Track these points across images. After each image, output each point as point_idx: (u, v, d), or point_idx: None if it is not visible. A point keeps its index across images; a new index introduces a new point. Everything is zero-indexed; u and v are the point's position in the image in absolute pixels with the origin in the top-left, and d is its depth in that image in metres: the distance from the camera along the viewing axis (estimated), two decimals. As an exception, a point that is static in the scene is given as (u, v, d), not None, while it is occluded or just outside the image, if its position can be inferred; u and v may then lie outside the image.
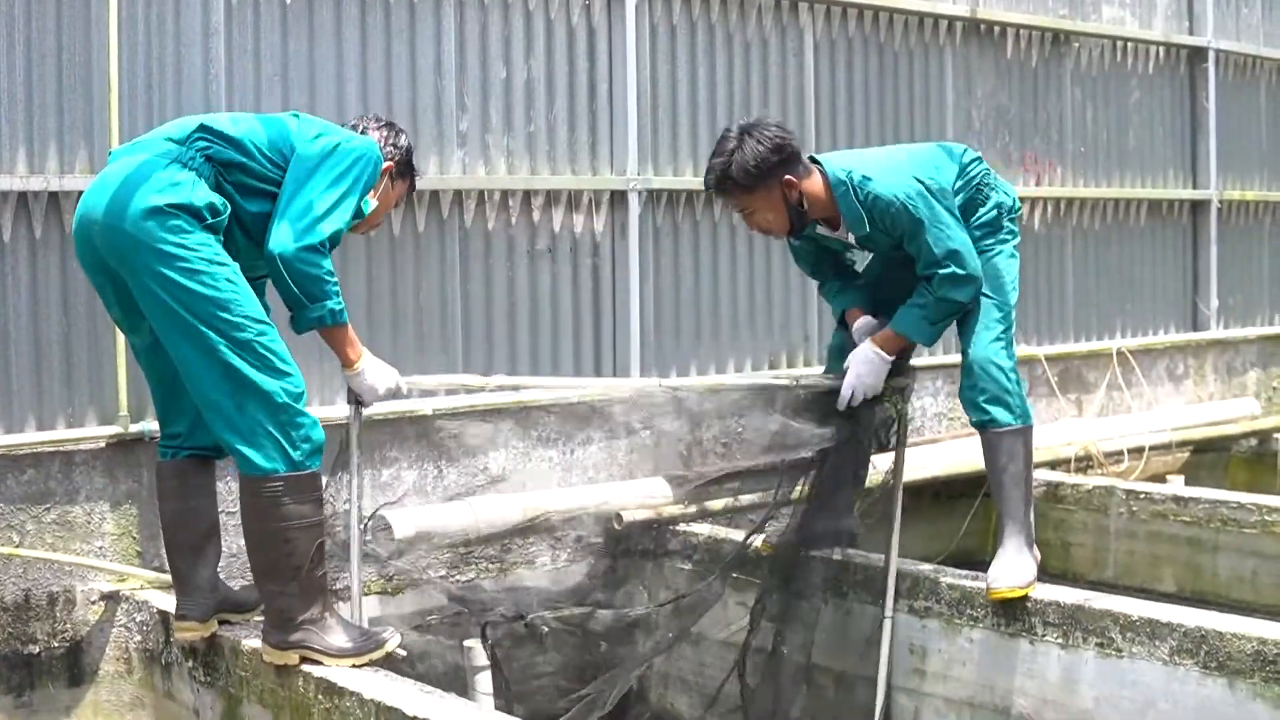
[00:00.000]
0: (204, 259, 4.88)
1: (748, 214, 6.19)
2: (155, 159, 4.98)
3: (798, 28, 8.46)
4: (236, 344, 4.90)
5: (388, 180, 5.48)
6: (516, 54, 7.34)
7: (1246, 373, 11.11)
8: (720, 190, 6.09)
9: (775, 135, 5.99)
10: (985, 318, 6.19)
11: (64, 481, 6.09)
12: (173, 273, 4.85)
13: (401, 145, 5.56)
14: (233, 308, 4.90)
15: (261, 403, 4.92)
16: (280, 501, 4.97)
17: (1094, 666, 5.75)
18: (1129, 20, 10.40)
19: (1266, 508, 7.76)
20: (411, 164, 5.66)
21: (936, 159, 6.26)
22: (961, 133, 9.31)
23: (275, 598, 5.08)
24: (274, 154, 5.11)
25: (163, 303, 4.90)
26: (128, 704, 6.16)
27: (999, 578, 5.98)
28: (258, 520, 5.01)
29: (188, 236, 4.87)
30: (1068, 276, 10.04)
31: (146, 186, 4.89)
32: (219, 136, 5.06)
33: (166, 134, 5.10)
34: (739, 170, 5.95)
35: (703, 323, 8.07)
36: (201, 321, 4.89)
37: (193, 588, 5.45)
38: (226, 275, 4.92)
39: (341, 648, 5.08)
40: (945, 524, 8.44)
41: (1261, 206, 11.48)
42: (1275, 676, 5.25)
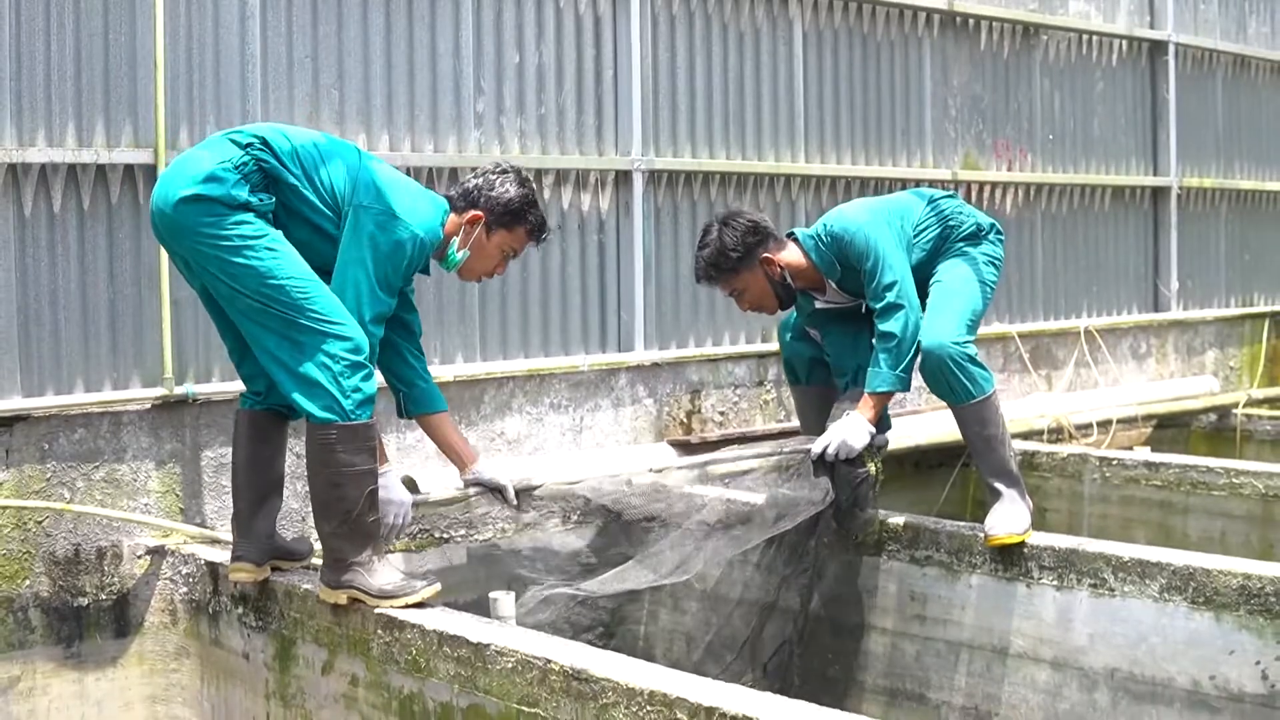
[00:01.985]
0: (241, 236, 5.15)
1: (738, 296, 6.68)
2: (209, 155, 5.24)
3: (787, 19, 8.83)
4: (285, 308, 5.18)
5: (481, 230, 5.69)
6: (529, 40, 7.67)
7: (1205, 352, 11.55)
8: (708, 277, 6.59)
9: (748, 220, 6.55)
10: (938, 310, 6.58)
11: (112, 441, 6.35)
12: (216, 252, 5.16)
13: (502, 195, 5.68)
14: (277, 275, 5.17)
15: (315, 359, 5.19)
16: (334, 449, 5.23)
17: (1088, 606, 6.10)
18: (1094, 14, 10.82)
19: (1234, 470, 8.12)
20: (520, 212, 5.73)
21: (902, 200, 6.83)
22: (939, 120, 9.71)
23: (328, 538, 5.33)
24: (327, 192, 5.36)
25: (215, 278, 5.24)
26: (172, 654, 6.42)
27: (996, 525, 6.34)
28: (316, 465, 5.28)
29: (223, 219, 5.15)
30: (1038, 258, 10.44)
31: (190, 177, 5.17)
32: (277, 154, 5.29)
33: (232, 134, 5.34)
34: (720, 256, 6.50)
35: (700, 297, 8.41)
36: (251, 294, 5.19)
37: (251, 532, 5.73)
38: (266, 244, 5.18)
39: (383, 588, 5.32)
40: (926, 491, 8.76)
41: (1218, 193, 11.93)
42: (1260, 609, 5.62)
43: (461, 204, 5.69)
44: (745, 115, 8.62)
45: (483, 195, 5.67)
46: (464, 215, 5.67)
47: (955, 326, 6.48)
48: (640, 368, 8.03)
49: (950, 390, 6.47)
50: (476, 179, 5.71)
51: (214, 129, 6.58)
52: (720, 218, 6.61)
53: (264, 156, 5.25)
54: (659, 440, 7.97)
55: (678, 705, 4.33)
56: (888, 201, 6.81)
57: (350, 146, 5.55)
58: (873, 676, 6.80)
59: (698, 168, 8.30)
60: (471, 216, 5.66)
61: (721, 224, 6.55)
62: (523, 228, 5.77)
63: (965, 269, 6.71)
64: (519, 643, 4.89)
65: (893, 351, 6.43)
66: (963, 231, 6.76)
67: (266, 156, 5.26)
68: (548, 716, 4.71)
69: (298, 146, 5.35)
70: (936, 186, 9.61)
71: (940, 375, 6.45)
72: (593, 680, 4.57)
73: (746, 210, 6.72)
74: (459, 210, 5.68)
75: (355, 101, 7.06)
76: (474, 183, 5.70)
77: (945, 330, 6.46)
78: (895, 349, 6.43)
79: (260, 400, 5.71)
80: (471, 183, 5.70)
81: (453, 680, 5.03)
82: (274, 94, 6.80)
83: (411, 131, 7.25)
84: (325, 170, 5.37)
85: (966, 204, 6.90)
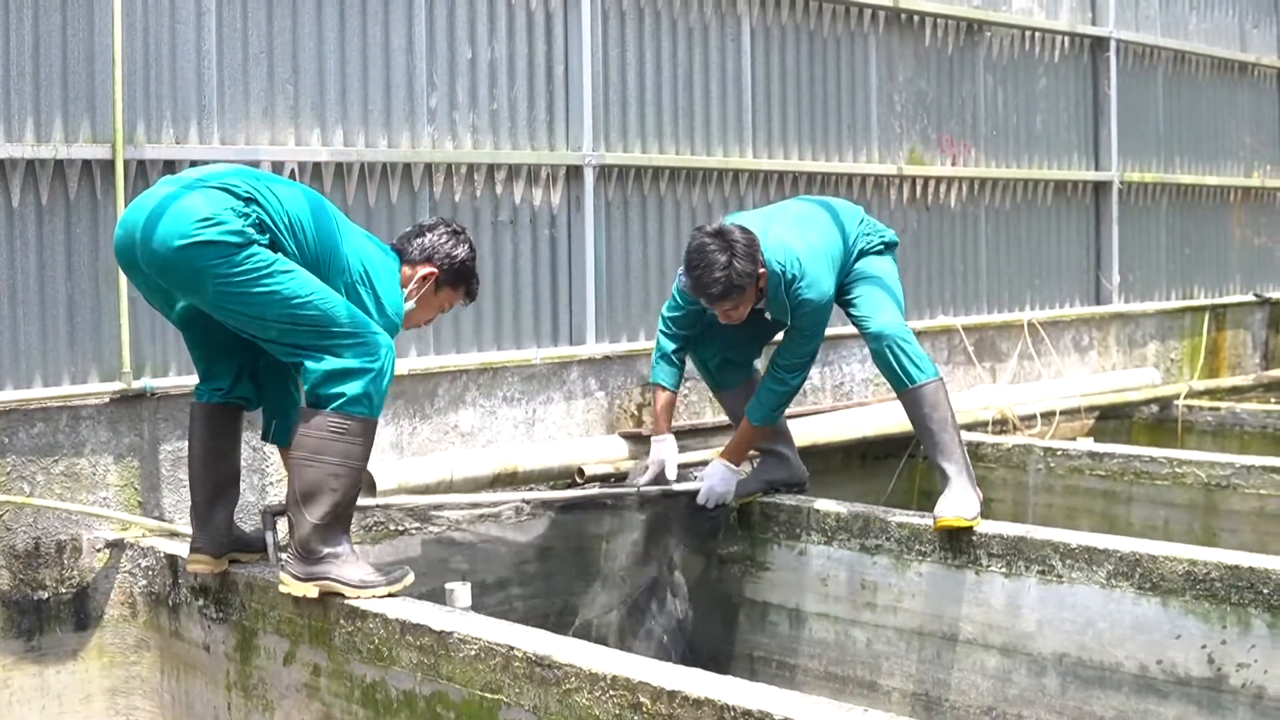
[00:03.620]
0: (255, 269, 5.18)
1: (735, 309, 6.67)
2: (202, 200, 5.22)
3: (736, 16, 8.91)
4: (315, 322, 5.26)
5: (430, 286, 5.87)
6: (481, 36, 7.72)
7: (1147, 344, 11.70)
8: (724, 297, 6.55)
9: (750, 238, 6.54)
10: (881, 301, 6.86)
11: (71, 435, 6.39)
12: (233, 289, 5.19)
13: (456, 256, 5.90)
14: (300, 294, 5.23)
15: (353, 357, 5.29)
16: (350, 439, 5.31)
17: (1036, 592, 6.23)
18: (1037, 11, 10.94)
19: (1177, 460, 8.25)
20: (465, 274, 5.96)
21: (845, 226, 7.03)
22: (884, 115, 9.81)
23: (309, 530, 5.34)
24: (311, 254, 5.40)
25: (231, 312, 5.28)
26: (132, 646, 6.47)
27: (945, 509, 6.48)
28: (321, 453, 5.31)
29: (233, 256, 5.16)
30: (981, 252, 10.56)
31: (190, 221, 5.16)
32: (273, 216, 5.31)
33: (227, 182, 5.32)
34: (741, 277, 6.48)
35: (651, 291, 8.48)
36: (276, 319, 5.25)
37: (209, 524, 5.79)
38: (280, 269, 5.23)
39: (364, 579, 5.39)
40: (873, 483, 8.85)
41: (1159, 188, 12.08)
42: (1205, 594, 5.76)
43: (416, 256, 5.86)
44: (695, 111, 8.70)
45: (438, 253, 5.86)
46: (417, 270, 5.84)
47: (898, 317, 6.83)
48: (592, 361, 8.10)
49: (900, 372, 6.70)
50: (432, 236, 5.89)
51: (170, 125, 6.65)
52: (718, 234, 6.54)
53: (264, 217, 5.29)
54: (610, 432, 8.05)
55: (640, 689, 4.42)
56: (834, 240, 6.94)
57: (325, 205, 5.61)
58: (823, 664, 6.90)
59: (648, 163, 8.38)
60: (426, 273, 5.84)
61: (727, 244, 6.49)
62: (464, 287, 6.01)
63: (889, 266, 7.07)
64: (482, 630, 4.96)
65: (784, 398, 6.92)
66: (885, 239, 7.16)
67: (265, 217, 5.29)
68: (511, 703, 4.79)
69: (288, 210, 5.38)
70: (882, 181, 9.77)
71: (891, 358, 6.70)
72: (556, 666, 4.65)
73: (735, 225, 6.64)
74: (412, 263, 5.85)
75: (310, 97, 7.11)
76: (431, 240, 5.87)
77: (891, 318, 6.79)
78: (787, 397, 6.93)
79: (223, 394, 5.75)
80: (429, 239, 5.87)
81: (415, 668, 5.10)
82: (229, 89, 6.84)
83: (365, 126, 7.30)
84: (312, 236, 5.42)
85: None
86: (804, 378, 6.93)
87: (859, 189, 9.66)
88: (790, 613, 7.01)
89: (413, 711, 5.13)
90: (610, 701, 4.50)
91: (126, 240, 5.33)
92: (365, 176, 7.28)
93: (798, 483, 7.29)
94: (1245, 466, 8.03)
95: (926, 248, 10.14)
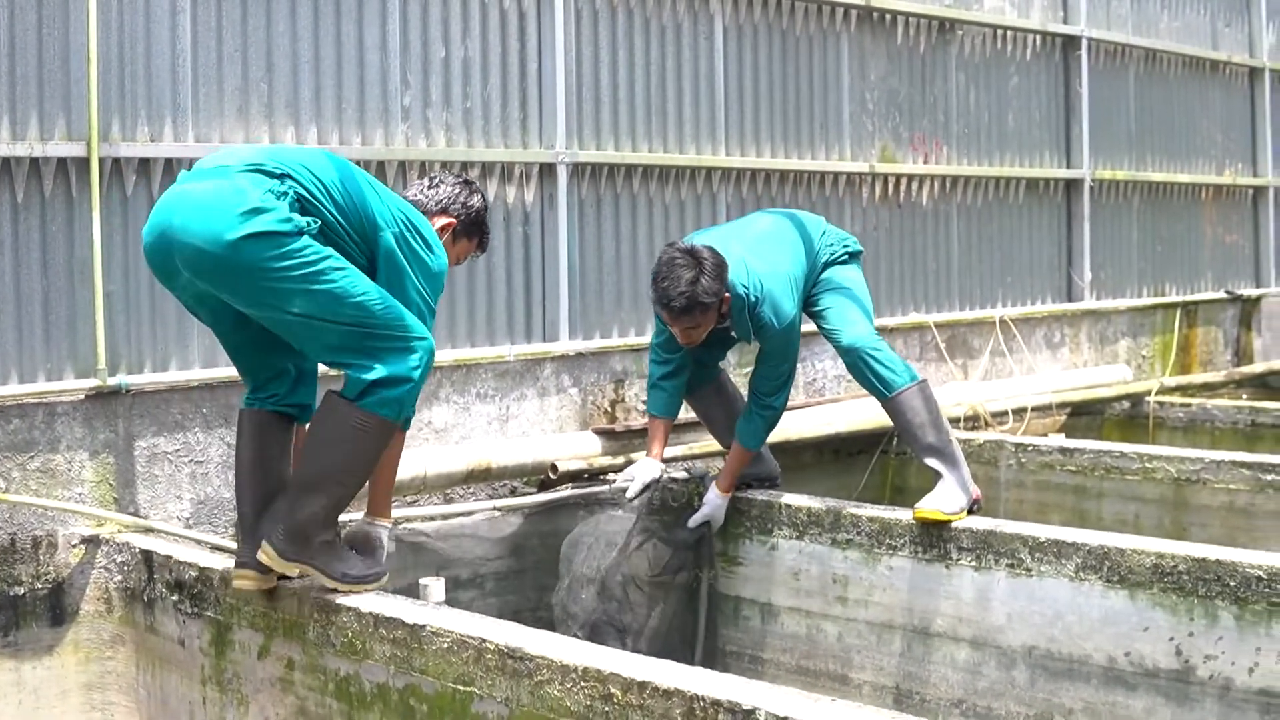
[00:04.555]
0: (311, 262, 5.04)
1: (695, 328, 6.65)
2: (245, 186, 5.07)
3: (708, 14, 8.96)
4: (364, 324, 5.13)
5: (449, 237, 5.75)
6: (454, 34, 7.77)
7: (1118, 341, 11.77)
8: (686, 312, 6.50)
9: (719, 259, 6.53)
10: (849, 313, 6.94)
11: (46, 431, 6.41)
12: (289, 285, 5.03)
13: (472, 205, 5.83)
14: (353, 293, 5.11)
15: (397, 364, 5.18)
16: (366, 438, 5.23)
17: (1006, 586, 6.27)
18: (1009, 10, 11.02)
19: (1147, 455, 8.29)
20: (481, 224, 5.89)
21: (809, 239, 7.06)
22: (856, 114, 9.87)
23: (308, 515, 5.23)
24: (355, 221, 5.28)
25: (282, 312, 5.12)
26: (108, 641, 6.49)
27: (925, 502, 6.55)
28: (338, 443, 5.22)
29: (287, 249, 5.02)
30: (953, 249, 10.62)
31: (237, 213, 4.99)
32: (308, 187, 5.19)
33: (254, 163, 5.17)
34: (706, 294, 6.47)
35: (624, 288, 8.55)
36: (327, 317, 5.11)
37: (258, 538, 5.45)
38: (333, 264, 5.10)
39: (355, 574, 5.35)
40: (846, 478, 8.89)
41: (1130, 186, 12.17)
42: (1173, 586, 5.80)
43: (434, 209, 5.74)
44: (667, 109, 8.75)
45: (455, 203, 5.78)
46: (434, 221, 5.68)
47: (869, 328, 6.92)
48: (565, 357, 8.14)
49: (876, 383, 6.81)
50: (446, 187, 5.81)
51: (145, 123, 6.68)
52: (687, 251, 6.53)
53: (300, 191, 5.17)
54: (584, 429, 8.10)
55: (611, 680, 4.46)
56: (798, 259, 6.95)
57: (351, 166, 5.47)
58: (795, 658, 6.94)
59: (621, 160, 8.43)
60: (444, 224, 5.73)
61: (695, 260, 6.48)
62: (478, 237, 5.92)
63: (856, 275, 7.13)
64: (454, 623, 5.00)
65: (773, 421, 6.99)
66: (850, 249, 7.21)
67: (301, 190, 5.17)
68: (483, 695, 4.83)
69: (320, 178, 5.26)
70: (855, 179, 9.83)
71: (866, 369, 6.82)
72: (528, 658, 4.69)
73: (703, 245, 6.60)
74: (430, 214, 5.70)
75: (284, 95, 7.14)
76: (446, 191, 5.79)
77: (861, 329, 6.89)
78: (776, 419, 7.00)
79: (277, 401, 5.61)
80: (443, 191, 5.79)
81: (389, 661, 5.13)
82: (204, 87, 6.88)
83: (339, 124, 7.34)
84: (350, 199, 5.30)
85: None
86: (787, 396, 6.95)
87: (831, 187, 9.72)
88: (762, 607, 7.05)
89: (386, 704, 5.17)
90: (581, 693, 4.54)
91: (160, 244, 5.15)
92: (339, 174, 7.30)
93: (770, 478, 7.34)
94: (1215, 461, 8.08)
95: (899, 245, 10.20)
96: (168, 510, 6.71)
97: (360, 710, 5.27)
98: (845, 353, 6.85)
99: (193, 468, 6.78)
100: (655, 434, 7.12)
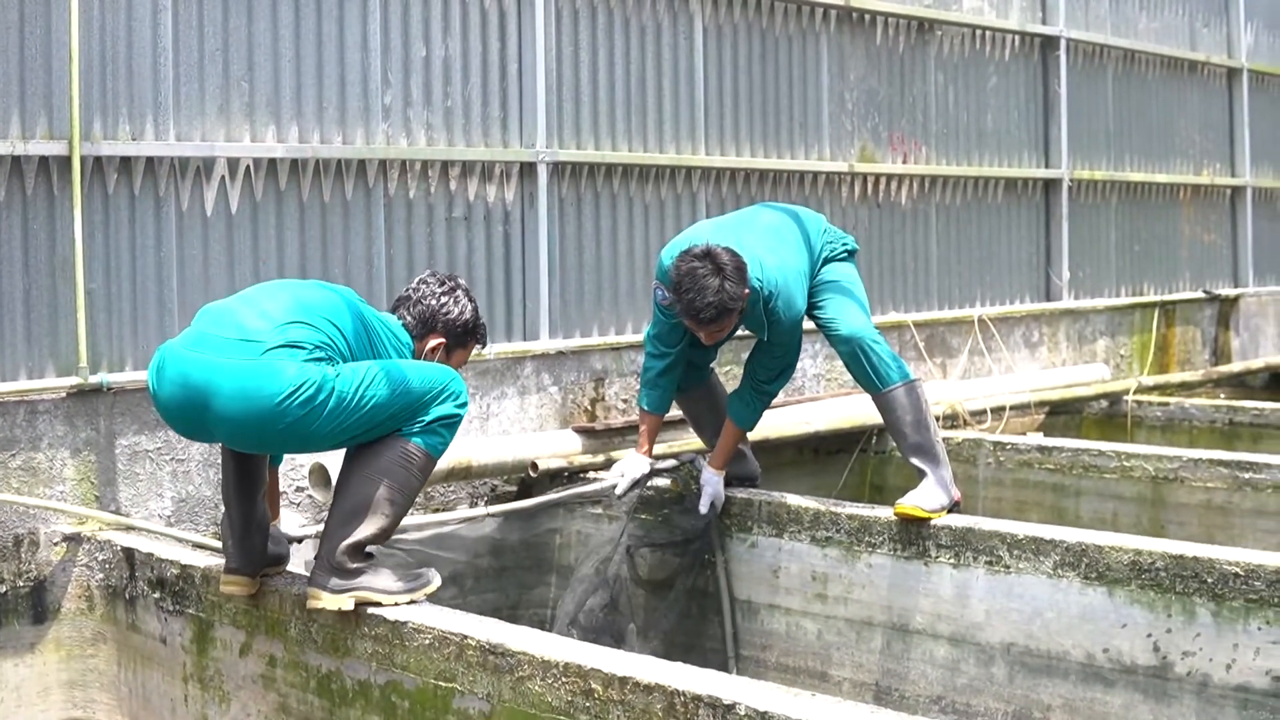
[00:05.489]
0: (341, 398, 5.08)
1: (722, 330, 6.59)
2: (286, 365, 5.05)
3: (688, 14, 8.99)
4: (404, 408, 5.21)
5: (443, 354, 5.67)
6: (435, 34, 7.78)
7: (1096, 340, 11.81)
8: (715, 320, 6.43)
9: (738, 260, 6.44)
10: (849, 306, 6.90)
11: (28, 429, 6.42)
12: (331, 427, 5.10)
13: (459, 318, 5.69)
14: (378, 396, 5.14)
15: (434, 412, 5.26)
16: (410, 470, 5.26)
17: (984, 583, 6.30)
18: (988, 10, 11.05)
19: (1125, 454, 8.33)
20: (473, 330, 5.76)
21: (810, 235, 7.03)
22: (835, 113, 9.90)
23: (345, 542, 5.24)
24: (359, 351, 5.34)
25: (329, 441, 5.20)
26: (89, 639, 6.50)
27: (907, 498, 6.57)
28: (384, 475, 5.24)
29: (318, 403, 5.04)
30: (932, 249, 10.66)
31: (279, 401, 5.01)
32: (334, 343, 5.23)
33: (289, 339, 5.14)
34: (732, 300, 6.39)
35: (604, 287, 8.57)
36: (371, 426, 5.18)
37: (248, 546, 5.52)
38: (358, 387, 5.11)
39: (399, 587, 5.29)
40: (825, 477, 8.91)
41: (1108, 185, 12.21)
42: (1151, 583, 5.84)
43: (419, 330, 5.64)
44: (647, 108, 8.78)
45: (440, 320, 5.65)
46: (425, 343, 5.63)
47: (866, 319, 6.89)
48: (545, 356, 8.16)
49: (871, 375, 6.76)
50: (429, 300, 5.66)
51: (127, 121, 6.70)
52: (707, 255, 6.41)
53: (334, 355, 5.20)
54: (564, 427, 8.11)
55: (592, 675, 4.49)
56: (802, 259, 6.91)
57: (361, 313, 5.47)
58: (775, 655, 6.97)
59: (601, 160, 8.45)
60: (435, 345, 5.64)
61: (716, 265, 6.38)
62: (474, 341, 5.82)
63: (853, 272, 7.10)
64: (436, 620, 5.02)
65: (768, 403, 7.03)
66: (848, 247, 7.17)
67: (332, 354, 5.20)
68: (465, 691, 4.85)
69: (339, 331, 5.29)
70: (834, 179, 9.86)
71: (863, 360, 6.76)
72: (509, 654, 4.71)
73: (721, 247, 6.49)
74: (419, 338, 5.64)
75: (265, 93, 7.16)
76: (428, 305, 5.65)
77: (860, 321, 6.84)
78: (770, 400, 7.03)
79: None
80: (425, 305, 5.65)
81: (370, 658, 5.16)
82: (185, 86, 6.89)
83: (320, 123, 7.35)
84: (353, 340, 5.33)
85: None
86: (784, 383, 6.97)
87: (810, 186, 9.76)
88: (742, 604, 7.06)
89: (368, 701, 5.19)
90: (563, 688, 4.56)
91: (184, 405, 5.16)
92: (320, 173, 7.33)
93: (751, 478, 7.35)
94: (1192, 460, 8.12)
95: (877, 244, 10.24)
96: (149, 508, 6.71)
97: (342, 707, 5.29)
98: (844, 342, 6.80)
99: (174, 466, 6.79)
100: (646, 430, 7.07)
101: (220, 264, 7.03)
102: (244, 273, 7.03)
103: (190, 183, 6.93)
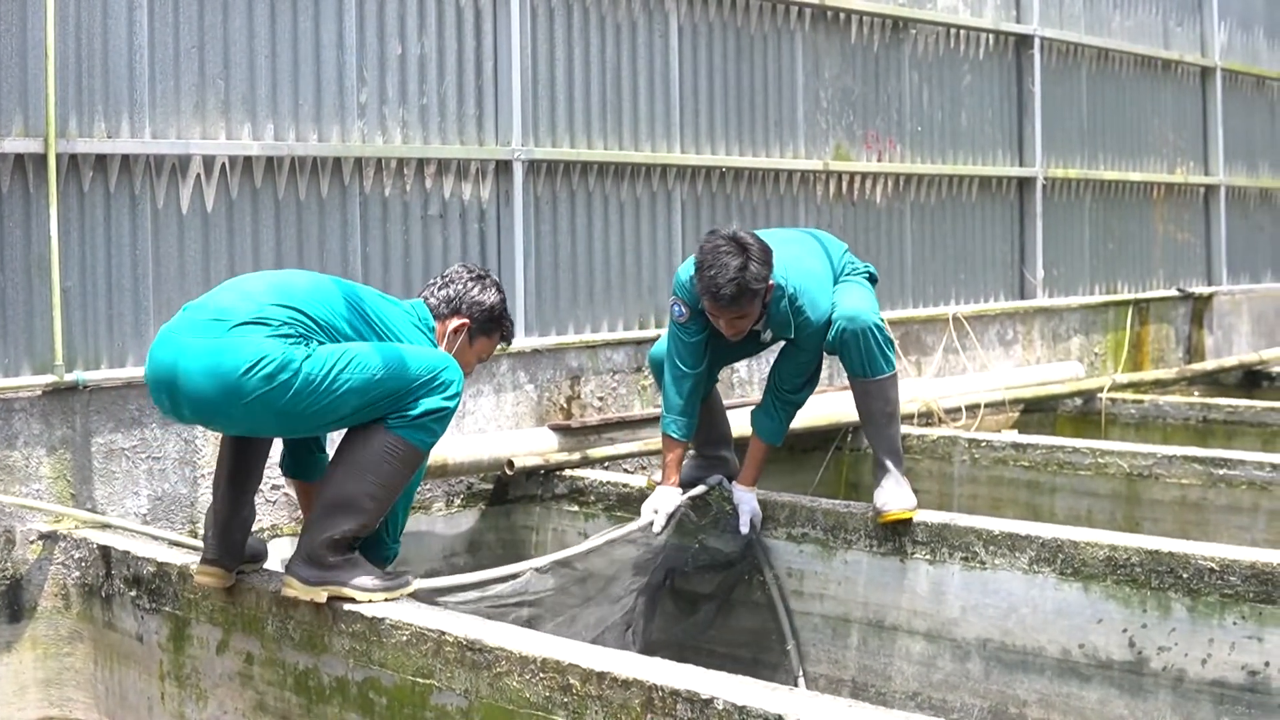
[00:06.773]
0: (292, 377, 5.03)
1: (743, 318, 6.49)
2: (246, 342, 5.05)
3: (663, 12, 9.00)
4: (392, 391, 5.17)
5: (464, 338, 5.67)
6: (410, 31, 7.78)
7: (1070, 338, 11.85)
8: (735, 300, 6.32)
9: (764, 245, 6.38)
10: (862, 293, 6.79)
11: (3, 427, 6.40)
12: (308, 406, 5.07)
13: (485, 303, 5.71)
14: (372, 376, 5.12)
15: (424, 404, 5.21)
16: (394, 464, 5.23)
17: (960, 579, 6.31)
18: (962, 9, 11.08)
19: (1099, 451, 8.35)
20: (499, 319, 5.77)
21: (832, 257, 6.97)
22: (810, 112, 9.92)
23: (329, 539, 5.22)
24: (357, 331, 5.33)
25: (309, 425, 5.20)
26: (65, 637, 6.49)
27: (889, 501, 6.54)
28: (369, 469, 5.21)
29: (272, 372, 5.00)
30: (907, 247, 10.68)
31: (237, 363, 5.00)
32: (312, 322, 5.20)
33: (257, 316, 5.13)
34: (756, 280, 6.30)
35: (579, 285, 8.58)
36: (356, 408, 5.14)
37: (229, 538, 5.52)
38: (340, 364, 5.09)
39: (374, 585, 5.26)
40: (801, 475, 8.91)
41: (1082, 184, 12.26)
42: (1126, 579, 5.86)
43: (445, 310, 5.66)
44: (623, 106, 8.78)
45: (465, 303, 5.68)
46: (448, 323, 5.66)
47: (876, 308, 6.75)
48: (521, 354, 8.16)
49: (867, 359, 6.62)
50: (457, 284, 5.71)
51: (103, 119, 6.68)
52: (731, 237, 6.34)
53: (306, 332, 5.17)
54: (540, 425, 8.12)
55: (570, 671, 4.49)
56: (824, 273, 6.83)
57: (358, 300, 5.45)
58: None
59: (576, 158, 8.46)
60: (458, 325, 5.66)
61: (739, 246, 6.31)
62: (498, 332, 5.82)
63: (869, 286, 6.98)
64: (413, 616, 5.01)
65: (793, 414, 6.94)
66: (867, 270, 7.09)
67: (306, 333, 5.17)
68: (443, 687, 4.85)
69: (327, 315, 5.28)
70: (808, 177, 9.88)
71: (863, 345, 6.59)
72: (487, 650, 4.71)
73: (745, 230, 6.48)
74: (442, 318, 5.66)
75: (240, 91, 7.15)
76: (456, 289, 5.70)
77: (871, 306, 6.72)
78: (794, 413, 6.96)
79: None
80: (453, 289, 5.70)
81: (348, 655, 5.15)
82: (161, 84, 6.88)
83: (296, 121, 7.35)
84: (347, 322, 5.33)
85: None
86: (811, 390, 6.91)
87: (785, 184, 9.77)
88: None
89: (345, 698, 5.18)
90: (541, 684, 4.56)
91: (157, 385, 5.19)
92: (296, 171, 7.32)
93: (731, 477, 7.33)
94: (1166, 456, 8.14)
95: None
96: (125, 506, 6.70)
97: (319, 704, 5.28)
98: (850, 320, 6.58)
99: (150, 464, 6.78)
100: (672, 460, 6.89)
101: (196, 262, 7.02)
102: (219, 271, 7.02)
103: (166, 181, 6.92)
